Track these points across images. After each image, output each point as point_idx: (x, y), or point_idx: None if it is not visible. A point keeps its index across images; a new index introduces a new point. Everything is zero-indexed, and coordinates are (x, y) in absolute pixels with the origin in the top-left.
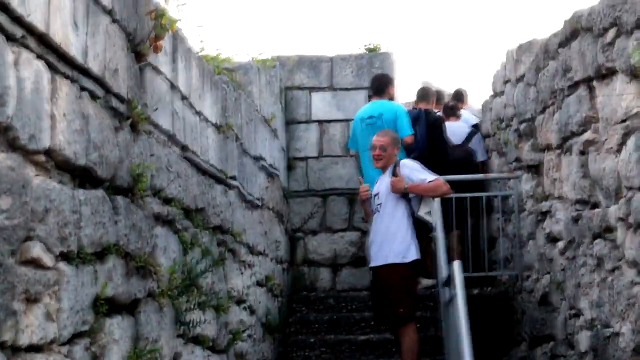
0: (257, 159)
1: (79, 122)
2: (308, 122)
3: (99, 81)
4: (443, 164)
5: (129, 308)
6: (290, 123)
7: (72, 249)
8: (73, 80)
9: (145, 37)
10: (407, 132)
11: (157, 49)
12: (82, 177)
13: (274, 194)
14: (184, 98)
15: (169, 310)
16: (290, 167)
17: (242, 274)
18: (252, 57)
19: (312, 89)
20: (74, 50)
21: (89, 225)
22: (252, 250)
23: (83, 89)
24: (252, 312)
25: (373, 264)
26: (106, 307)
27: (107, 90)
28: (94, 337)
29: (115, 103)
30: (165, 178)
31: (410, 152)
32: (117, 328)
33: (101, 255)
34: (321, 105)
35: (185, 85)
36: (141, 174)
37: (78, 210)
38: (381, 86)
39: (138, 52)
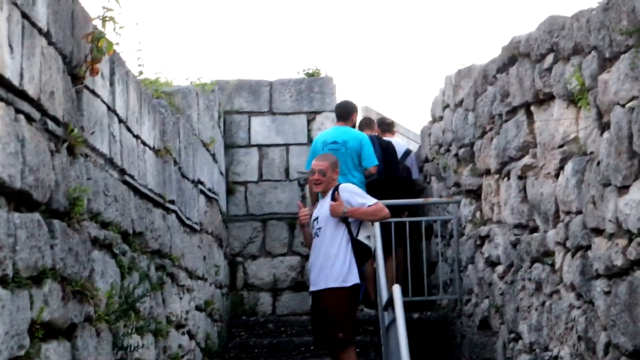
0: (196, 182)
1: (13, 145)
2: (247, 146)
3: (34, 104)
4: (395, 185)
5: (65, 333)
6: (230, 147)
7: (7, 272)
8: (8, 103)
9: (82, 60)
10: (372, 162)
11: (94, 72)
12: (18, 200)
13: (213, 218)
14: (121, 121)
15: (107, 335)
16: (229, 191)
17: (181, 298)
18: (191, 81)
19: (252, 113)
20: (9, 72)
21: (24, 249)
22: (191, 275)
23: (18, 111)
24: (191, 336)
25: (313, 288)
26: (42, 331)
27: (43, 112)
28: None
29: (51, 126)
30: (102, 202)
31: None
32: (53, 353)
33: (37, 279)
34: (260, 130)
35: (123, 108)
36: (78, 198)
37: (13, 234)
38: (346, 112)
39: (75, 75)
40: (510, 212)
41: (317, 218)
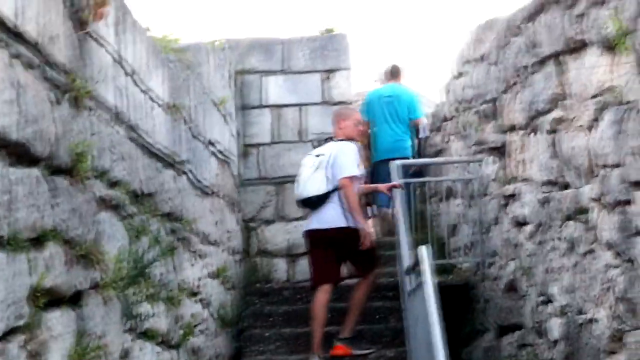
0: (208, 143)
1: (9, 92)
2: (261, 106)
3: (33, 48)
4: None
5: (70, 300)
6: (243, 108)
7: (1, 234)
8: (2, 45)
9: (86, 3)
10: (419, 115)
11: (99, 17)
12: (14, 154)
13: (226, 181)
14: (129, 74)
15: (115, 303)
16: (243, 154)
17: (194, 264)
18: (201, 38)
19: (265, 73)
20: (4, 9)
21: (22, 207)
22: (203, 240)
23: (14, 55)
24: (205, 305)
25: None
26: (44, 299)
27: (43, 59)
28: (30, 332)
29: (52, 74)
30: (109, 159)
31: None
32: (58, 322)
33: (37, 241)
34: (274, 90)
35: (132, 60)
36: (82, 153)
37: (8, 191)
38: (397, 71)
39: (78, 20)
40: (539, 168)
41: None
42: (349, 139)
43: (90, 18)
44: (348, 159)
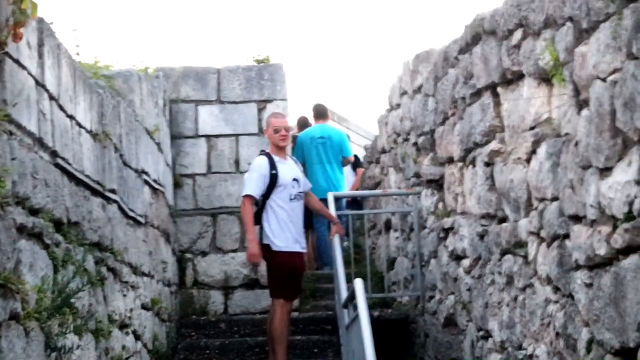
0: (140, 172)
1: None
2: (195, 136)
3: None
4: None
5: None
6: (177, 137)
7: None
8: None
9: (3, 24)
10: (350, 153)
11: (17, 38)
12: None
13: (160, 211)
14: (52, 98)
15: (37, 334)
16: (177, 184)
17: (125, 295)
18: (133, 65)
19: (199, 102)
20: None
21: None
22: (135, 271)
23: None
24: (137, 337)
25: (298, 248)
26: None
27: None
28: None
29: None
30: (31, 185)
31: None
32: None
33: None
34: (209, 119)
35: (54, 84)
36: None
37: None
38: (324, 112)
39: None
40: (477, 201)
41: (296, 180)
42: (274, 146)
43: (7, 38)
44: (248, 178)
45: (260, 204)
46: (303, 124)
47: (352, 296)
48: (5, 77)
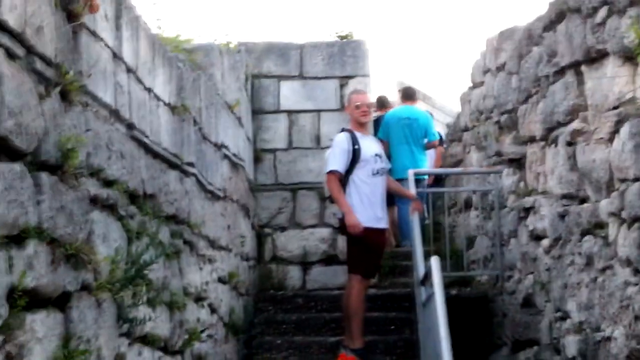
0: (219, 146)
1: None
2: (276, 111)
3: (17, 37)
4: None
5: (57, 302)
6: (257, 112)
7: None
8: None
9: None
10: (435, 137)
11: (92, 9)
12: None
13: (239, 186)
14: (130, 70)
15: (109, 306)
16: (257, 159)
17: (201, 268)
18: (215, 39)
19: (281, 77)
20: None
21: (0, 202)
22: (212, 244)
23: None
24: (213, 310)
25: (379, 225)
26: (25, 299)
27: (29, 49)
28: (9, 334)
29: (40, 66)
30: (106, 157)
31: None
32: (41, 324)
33: (18, 238)
34: (290, 95)
35: (132, 56)
36: (73, 149)
37: None
38: (413, 93)
39: (70, 12)
40: (558, 181)
41: (378, 155)
42: (355, 122)
43: (83, 10)
44: (331, 154)
45: (342, 180)
46: (382, 103)
47: (428, 274)
48: (81, 48)
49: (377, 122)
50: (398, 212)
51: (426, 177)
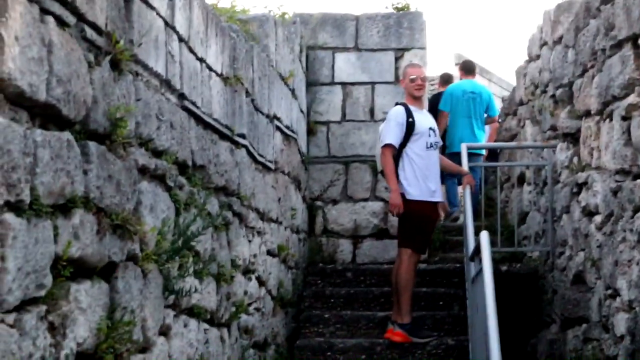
0: (272, 118)
1: (37, 49)
2: (331, 83)
3: (68, 5)
4: None
5: (102, 272)
6: (312, 84)
7: (21, 198)
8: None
9: None
10: (496, 113)
11: None
12: (43, 116)
13: (291, 158)
14: (182, 40)
15: (155, 276)
16: (310, 131)
17: (250, 241)
18: (270, 10)
19: (336, 49)
20: None
21: (47, 171)
22: (262, 216)
23: (46, 11)
24: (261, 283)
25: (433, 199)
26: (70, 269)
27: (80, 17)
28: (52, 303)
29: (90, 34)
30: (155, 127)
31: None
32: (86, 295)
33: (64, 208)
34: (345, 67)
35: (185, 26)
36: (122, 119)
37: (32, 153)
38: (473, 68)
39: None
40: (612, 156)
41: (432, 129)
42: (410, 96)
43: None
44: (386, 127)
45: (395, 154)
46: (446, 80)
47: (478, 249)
48: (132, 17)
49: (438, 98)
50: (446, 181)
51: (483, 152)
